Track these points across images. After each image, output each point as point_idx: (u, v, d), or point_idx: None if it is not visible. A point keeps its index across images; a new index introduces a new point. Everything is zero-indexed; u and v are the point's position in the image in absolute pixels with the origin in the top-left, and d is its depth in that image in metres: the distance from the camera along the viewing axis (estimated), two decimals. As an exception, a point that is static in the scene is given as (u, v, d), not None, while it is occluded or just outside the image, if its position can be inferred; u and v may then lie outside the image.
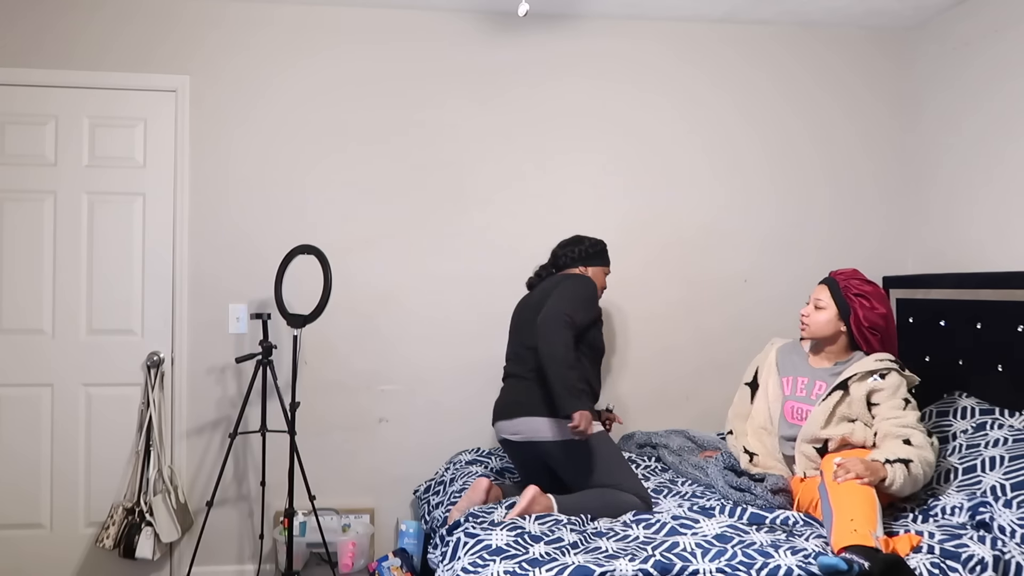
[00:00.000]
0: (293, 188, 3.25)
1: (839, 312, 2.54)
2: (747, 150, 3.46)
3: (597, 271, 2.83)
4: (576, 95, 3.38)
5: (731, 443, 2.73)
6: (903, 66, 3.52)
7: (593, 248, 2.82)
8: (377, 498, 3.28)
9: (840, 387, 2.45)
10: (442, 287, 3.32)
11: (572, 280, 2.63)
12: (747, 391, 2.78)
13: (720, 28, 3.45)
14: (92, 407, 3.15)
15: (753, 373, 2.78)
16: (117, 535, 2.95)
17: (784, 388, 2.64)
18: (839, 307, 2.54)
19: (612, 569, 1.91)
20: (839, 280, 2.57)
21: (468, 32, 3.34)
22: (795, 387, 2.62)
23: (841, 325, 2.55)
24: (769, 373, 2.72)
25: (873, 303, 2.51)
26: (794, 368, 2.65)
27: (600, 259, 2.84)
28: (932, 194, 3.37)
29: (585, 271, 2.79)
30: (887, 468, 2.19)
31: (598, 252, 2.83)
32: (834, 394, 2.45)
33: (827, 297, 2.57)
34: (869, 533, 1.97)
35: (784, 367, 2.69)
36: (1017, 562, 1.96)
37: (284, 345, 3.21)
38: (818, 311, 2.58)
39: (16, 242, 3.12)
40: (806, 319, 2.60)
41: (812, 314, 2.59)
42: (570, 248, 2.83)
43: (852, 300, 2.52)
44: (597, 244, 2.85)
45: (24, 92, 3.11)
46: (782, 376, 2.67)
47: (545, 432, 2.49)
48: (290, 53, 3.25)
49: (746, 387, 2.79)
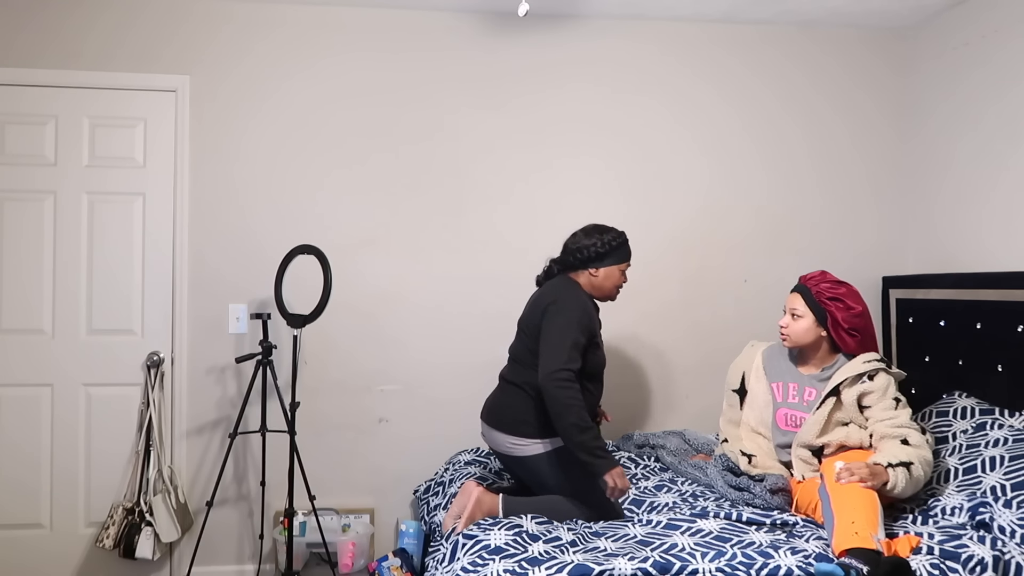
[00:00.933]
0: (293, 188, 3.25)
1: (816, 318, 2.53)
2: (746, 150, 3.46)
3: (610, 270, 2.57)
4: (577, 96, 3.38)
5: (727, 450, 2.70)
6: (903, 66, 3.52)
7: (605, 247, 2.55)
8: (377, 498, 3.28)
9: (831, 394, 2.45)
10: (442, 287, 3.32)
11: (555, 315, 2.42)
12: (735, 397, 2.76)
13: (720, 28, 3.45)
14: (92, 407, 3.15)
15: (740, 379, 2.76)
16: (117, 535, 2.95)
17: (776, 394, 2.64)
18: (815, 313, 2.53)
19: (611, 568, 1.91)
20: (810, 286, 2.55)
21: (469, 32, 3.34)
22: (786, 393, 2.61)
23: (821, 331, 2.54)
24: (757, 378, 2.70)
25: (848, 303, 2.50)
26: (782, 373, 2.64)
27: (614, 257, 2.57)
28: (932, 194, 3.37)
29: (596, 273, 2.56)
30: (889, 472, 2.19)
31: (612, 250, 2.56)
32: (827, 402, 2.45)
33: (802, 305, 2.55)
34: (870, 535, 1.97)
35: (772, 372, 2.67)
36: (1017, 562, 1.95)
37: (284, 345, 3.22)
38: (796, 320, 2.56)
39: (16, 242, 3.12)
40: (785, 329, 2.58)
41: (790, 324, 2.57)
42: (581, 245, 2.57)
43: (827, 304, 2.50)
44: (611, 242, 2.57)
45: (24, 92, 3.12)
46: (771, 382, 2.66)
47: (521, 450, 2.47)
48: (290, 53, 3.26)
49: (734, 394, 2.77)
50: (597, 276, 2.58)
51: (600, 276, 2.58)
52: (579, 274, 2.60)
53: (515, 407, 2.50)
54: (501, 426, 2.51)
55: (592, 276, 2.58)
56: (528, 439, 2.45)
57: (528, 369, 2.49)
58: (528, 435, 2.45)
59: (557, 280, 2.61)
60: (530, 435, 2.45)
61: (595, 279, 2.58)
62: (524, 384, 2.50)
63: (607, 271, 2.58)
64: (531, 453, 2.45)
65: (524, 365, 2.53)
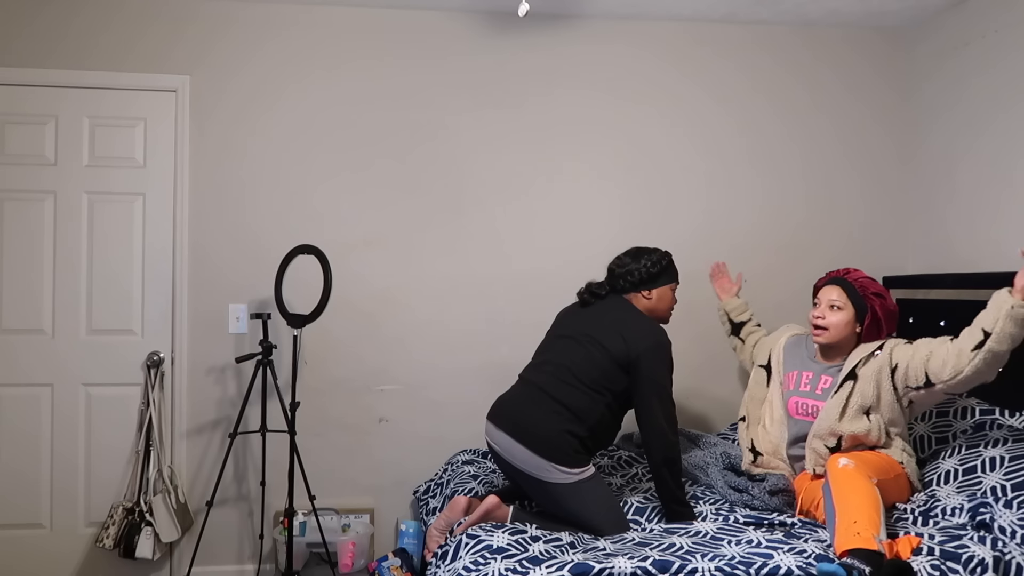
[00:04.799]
0: (293, 187, 3.25)
1: (856, 313, 2.52)
2: (746, 150, 3.46)
3: (663, 291, 2.55)
4: (577, 96, 3.38)
5: (741, 432, 2.68)
6: (903, 66, 3.52)
7: (655, 267, 2.52)
8: (377, 498, 3.28)
9: (848, 377, 2.44)
10: (442, 288, 3.32)
11: (658, 366, 2.38)
12: (763, 374, 2.72)
13: (720, 28, 3.45)
14: (92, 407, 3.15)
15: (767, 355, 2.74)
16: (117, 535, 2.95)
17: (787, 384, 2.63)
18: (856, 307, 2.51)
19: (611, 566, 1.91)
20: (853, 282, 2.53)
21: (469, 33, 3.34)
22: (799, 382, 2.59)
23: (856, 326, 2.52)
24: (776, 363, 2.69)
25: (887, 299, 2.51)
26: (800, 363, 2.63)
27: (665, 278, 2.55)
28: (932, 194, 3.37)
29: (650, 295, 2.53)
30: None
31: (662, 270, 2.54)
32: (845, 385, 2.43)
33: (843, 297, 2.52)
34: (872, 536, 1.97)
35: (788, 362, 2.66)
36: (1017, 563, 1.95)
37: (284, 345, 3.22)
38: (834, 312, 2.51)
39: (16, 242, 3.12)
40: (822, 321, 2.52)
41: (829, 315, 2.52)
42: (630, 268, 2.54)
43: (871, 299, 2.49)
44: (660, 261, 2.54)
45: (24, 92, 3.12)
46: (785, 372, 2.65)
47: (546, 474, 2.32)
48: (291, 54, 3.26)
49: (761, 369, 2.73)
50: (651, 298, 2.54)
51: (654, 298, 2.55)
52: (634, 297, 2.55)
53: (550, 429, 2.33)
54: (529, 443, 2.33)
55: (646, 299, 2.55)
56: (558, 466, 2.31)
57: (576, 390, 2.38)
58: (560, 462, 2.31)
59: (621, 303, 2.53)
60: (562, 462, 2.31)
61: (649, 301, 2.55)
62: (570, 406, 2.36)
63: (660, 292, 2.55)
64: (557, 481, 2.31)
65: (568, 383, 2.39)
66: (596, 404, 2.38)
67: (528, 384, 2.49)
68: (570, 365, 2.42)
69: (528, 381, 2.50)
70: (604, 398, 2.39)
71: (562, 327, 2.58)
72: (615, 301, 2.54)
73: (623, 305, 2.52)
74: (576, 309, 2.62)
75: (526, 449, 2.33)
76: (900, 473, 2.36)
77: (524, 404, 2.43)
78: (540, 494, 2.40)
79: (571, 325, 2.55)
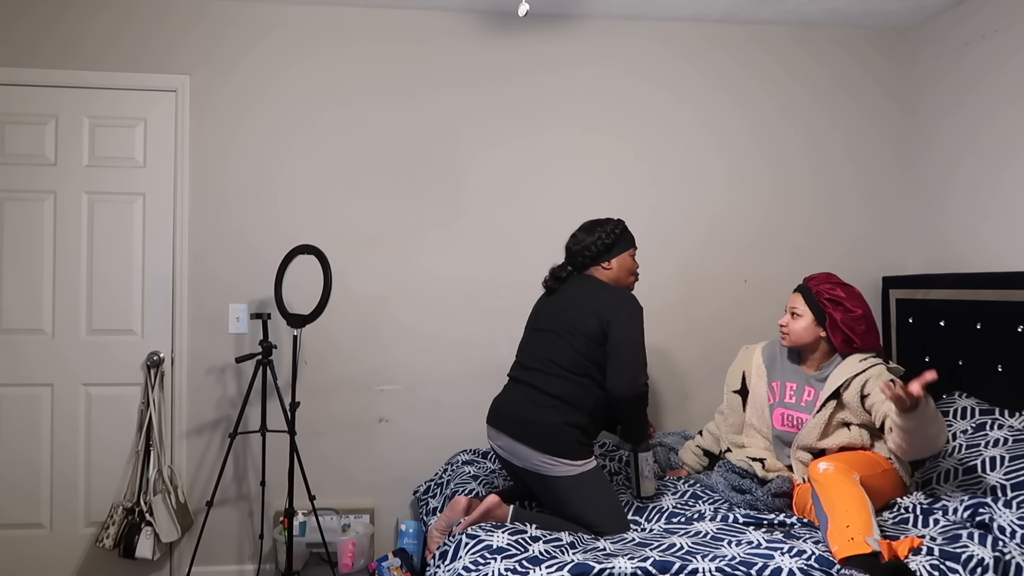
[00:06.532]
0: (294, 188, 3.25)
1: (815, 318, 2.53)
2: (746, 151, 3.46)
3: (623, 258, 2.57)
4: (576, 97, 3.38)
5: (734, 459, 2.62)
6: (903, 66, 3.52)
7: (610, 237, 2.55)
8: (377, 498, 3.28)
9: (832, 396, 2.44)
10: (442, 288, 3.32)
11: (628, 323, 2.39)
12: (737, 400, 2.74)
13: (720, 29, 3.45)
14: (92, 407, 3.15)
15: (740, 379, 2.74)
16: (117, 535, 2.95)
17: (772, 395, 2.63)
18: (815, 313, 2.53)
19: (611, 566, 1.92)
20: (812, 286, 2.56)
21: (469, 33, 3.34)
22: (783, 393, 2.60)
23: (820, 331, 2.53)
24: (759, 376, 2.69)
25: (848, 306, 2.49)
26: (782, 373, 2.64)
27: (621, 245, 2.57)
28: (932, 194, 3.37)
29: (610, 265, 2.55)
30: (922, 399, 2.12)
31: (617, 239, 2.56)
32: (828, 405, 2.44)
33: (802, 304, 2.56)
34: (865, 539, 1.97)
35: (772, 371, 2.67)
36: (1017, 563, 1.95)
37: (284, 345, 3.22)
38: (795, 319, 2.56)
39: (16, 242, 3.12)
40: (784, 328, 2.59)
41: (790, 323, 2.57)
42: (586, 243, 2.56)
43: (826, 305, 2.50)
44: (614, 231, 2.57)
45: (24, 92, 3.12)
46: (771, 381, 2.65)
47: (550, 469, 2.35)
48: (291, 53, 3.26)
49: (735, 395, 2.75)
50: (611, 268, 2.56)
51: (614, 267, 2.56)
52: (595, 271, 2.57)
53: (548, 423, 2.36)
54: (530, 441, 2.35)
55: (606, 269, 2.56)
56: (560, 459, 2.33)
57: (565, 380, 2.41)
58: (561, 455, 2.33)
59: (585, 281, 2.55)
60: (563, 455, 2.33)
61: (610, 271, 2.57)
62: (563, 397, 2.39)
63: (619, 261, 2.57)
64: (560, 474, 2.34)
65: (556, 375, 2.42)
66: (588, 389, 2.41)
67: (519, 383, 2.51)
68: (553, 356, 2.44)
69: (518, 380, 2.52)
70: (594, 380, 2.42)
71: (538, 320, 2.60)
72: (578, 280, 2.56)
73: (588, 282, 2.54)
74: (545, 299, 2.64)
75: (528, 447, 2.35)
76: (888, 468, 2.36)
77: (520, 403, 2.44)
78: (544, 490, 2.41)
79: (544, 316, 2.57)
